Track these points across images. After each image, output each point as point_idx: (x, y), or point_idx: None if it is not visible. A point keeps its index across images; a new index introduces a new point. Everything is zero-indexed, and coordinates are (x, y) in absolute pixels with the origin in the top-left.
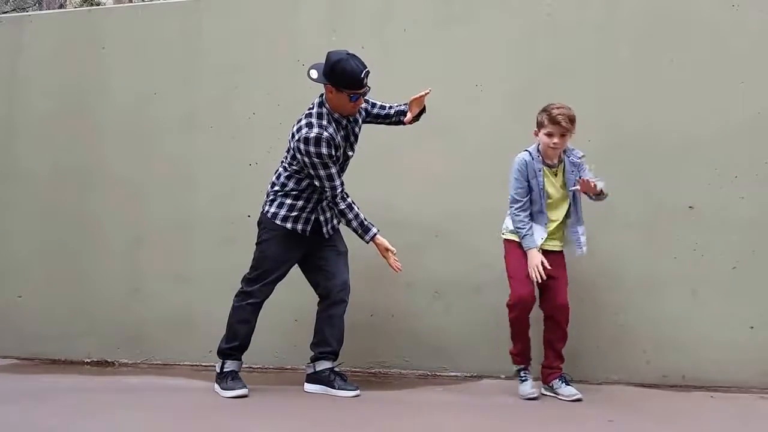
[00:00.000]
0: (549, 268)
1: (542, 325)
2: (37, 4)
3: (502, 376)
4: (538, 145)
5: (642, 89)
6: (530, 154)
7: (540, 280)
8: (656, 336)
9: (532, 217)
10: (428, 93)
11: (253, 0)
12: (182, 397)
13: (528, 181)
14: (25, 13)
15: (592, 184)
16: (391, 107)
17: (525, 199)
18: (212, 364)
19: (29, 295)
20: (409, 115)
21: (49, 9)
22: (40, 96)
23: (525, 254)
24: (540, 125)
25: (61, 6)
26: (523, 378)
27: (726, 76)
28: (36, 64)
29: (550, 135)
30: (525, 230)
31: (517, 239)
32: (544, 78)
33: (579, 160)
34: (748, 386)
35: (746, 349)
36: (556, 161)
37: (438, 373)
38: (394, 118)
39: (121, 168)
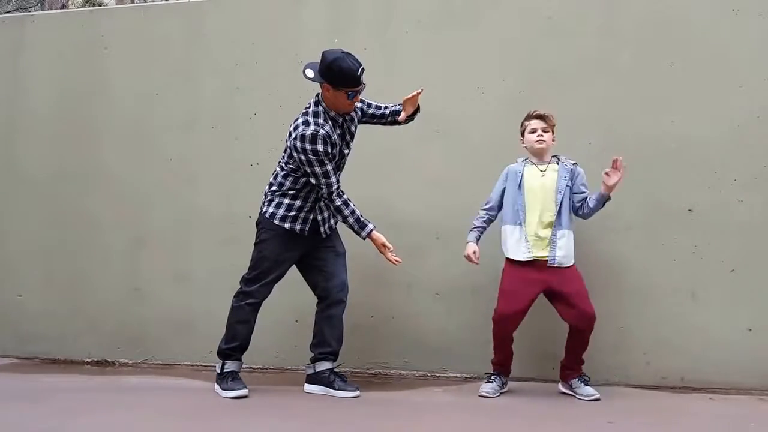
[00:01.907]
0: (476, 261)
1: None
2: (39, 4)
3: None
4: (526, 158)
5: (642, 93)
6: (518, 162)
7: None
8: (655, 338)
9: (510, 218)
10: (420, 92)
11: (255, 1)
12: (182, 398)
13: (506, 186)
14: (27, 13)
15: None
16: (386, 107)
17: (491, 201)
18: (212, 364)
19: (29, 294)
20: (403, 114)
21: (51, 9)
22: (41, 96)
23: (518, 272)
24: (523, 131)
25: (63, 6)
26: (490, 380)
27: (726, 80)
28: (37, 65)
29: (533, 131)
30: (473, 225)
31: (511, 257)
32: (544, 81)
33: (572, 167)
34: (746, 388)
35: (745, 351)
36: (546, 161)
37: (438, 374)
38: (389, 118)
39: (122, 168)
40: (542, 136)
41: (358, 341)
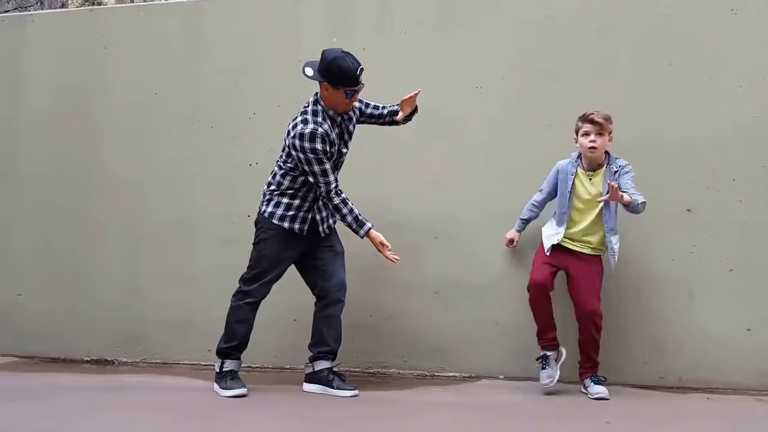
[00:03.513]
0: (513, 245)
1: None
2: (38, 4)
3: (501, 377)
4: (579, 153)
5: (641, 93)
6: (570, 159)
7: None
8: (653, 337)
9: (556, 219)
10: (418, 93)
11: (254, 1)
12: (181, 397)
13: (556, 184)
14: (27, 13)
15: (620, 194)
16: (384, 107)
17: (540, 195)
18: (212, 363)
19: (29, 293)
20: (401, 114)
21: (50, 8)
22: (41, 96)
23: (549, 250)
24: (577, 131)
25: (63, 5)
26: (543, 366)
27: (725, 80)
28: (37, 64)
29: (586, 134)
30: (522, 215)
31: (543, 240)
32: (543, 81)
33: (618, 169)
34: (744, 388)
35: (743, 350)
36: (595, 166)
37: (436, 374)
38: (387, 118)
39: (121, 168)
40: (595, 141)
41: (357, 340)
